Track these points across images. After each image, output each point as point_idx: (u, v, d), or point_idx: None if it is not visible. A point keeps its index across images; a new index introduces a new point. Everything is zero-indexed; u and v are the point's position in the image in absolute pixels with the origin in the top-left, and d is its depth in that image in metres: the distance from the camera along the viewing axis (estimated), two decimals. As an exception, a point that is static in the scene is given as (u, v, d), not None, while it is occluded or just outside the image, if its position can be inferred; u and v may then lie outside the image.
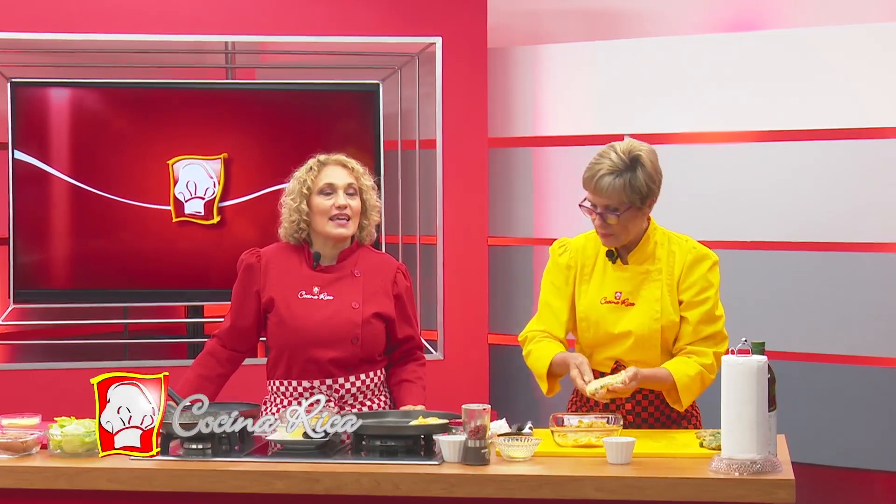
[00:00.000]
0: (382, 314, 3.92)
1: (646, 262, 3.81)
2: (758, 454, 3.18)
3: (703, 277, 3.79)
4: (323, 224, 3.89)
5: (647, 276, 3.80)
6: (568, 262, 3.90)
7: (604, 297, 3.81)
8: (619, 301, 3.80)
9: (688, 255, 3.81)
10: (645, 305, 3.78)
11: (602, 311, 3.81)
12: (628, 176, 3.71)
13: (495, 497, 3.22)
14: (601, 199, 3.73)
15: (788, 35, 5.40)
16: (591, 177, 3.74)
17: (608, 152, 3.75)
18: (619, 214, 3.73)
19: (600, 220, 3.75)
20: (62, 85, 5.62)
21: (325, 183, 3.91)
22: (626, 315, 3.78)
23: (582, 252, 3.90)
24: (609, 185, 3.71)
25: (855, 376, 5.25)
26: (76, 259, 5.62)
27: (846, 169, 5.25)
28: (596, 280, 3.84)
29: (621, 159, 3.72)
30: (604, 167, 3.72)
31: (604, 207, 3.74)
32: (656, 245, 3.82)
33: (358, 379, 3.90)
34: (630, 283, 3.80)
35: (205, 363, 4.00)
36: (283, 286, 3.91)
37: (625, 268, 3.82)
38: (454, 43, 5.68)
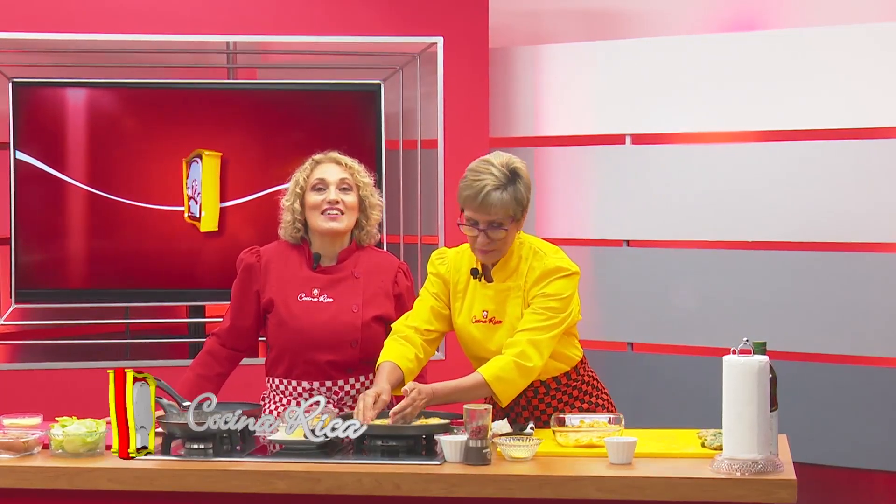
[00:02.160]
0: (382, 316, 3.91)
1: (509, 278, 3.72)
2: (759, 454, 3.18)
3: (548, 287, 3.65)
4: (315, 219, 3.87)
5: (510, 293, 3.71)
6: (445, 275, 3.81)
7: (474, 315, 3.75)
8: (487, 320, 3.73)
9: (537, 271, 3.68)
10: (510, 324, 3.70)
11: (473, 330, 3.75)
12: (512, 189, 3.62)
13: (496, 497, 3.22)
14: (486, 215, 3.61)
15: (788, 35, 5.41)
16: (476, 194, 3.60)
17: (487, 167, 3.63)
18: (505, 229, 3.64)
19: (484, 237, 3.63)
20: (63, 85, 5.62)
21: (316, 178, 3.90)
22: (496, 334, 3.71)
23: (456, 268, 3.80)
24: (498, 199, 3.59)
25: (855, 376, 5.26)
26: (77, 259, 5.62)
27: (846, 169, 5.26)
28: (468, 298, 3.77)
29: (503, 173, 3.62)
30: (488, 182, 3.60)
31: (487, 224, 3.62)
32: (520, 260, 3.72)
33: (357, 381, 3.89)
34: (494, 301, 3.72)
35: (204, 363, 3.99)
36: (283, 287, 3.90)
37: (489, 286, 3.74)
38: (455, 43, 5.69)
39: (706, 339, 5.48)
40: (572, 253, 5.77)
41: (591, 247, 5.78)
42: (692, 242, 5.60)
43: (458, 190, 3.67)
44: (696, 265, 5.55)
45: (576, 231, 5.83)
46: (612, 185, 5.72)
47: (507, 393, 3.63)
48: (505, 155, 3.70)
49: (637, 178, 5.65)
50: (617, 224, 5.72)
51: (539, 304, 3.67)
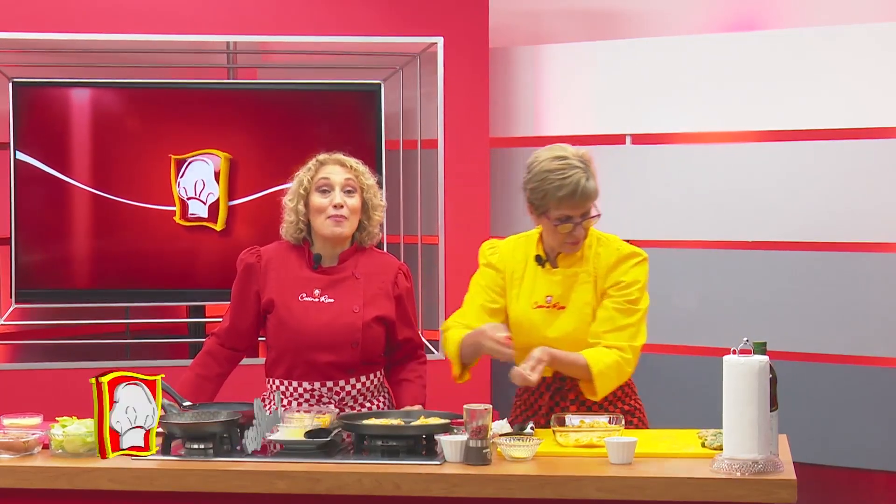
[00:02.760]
0: (383, 317, 3.91)
1: (575, 264, 3.77)
2: (759, 454, 3.18)
3: (626, 274, 3.74)
4: (320, 223, 3.86)
5: (577, 279, 3.77)
6: (497, 265, 3.86)
7: (535, 301, 3.79)
8: (551, 305, 3.77)
9: (611, 257, 3.77)
10: (576, 309, 3.75)
11: (534, 316, 3.78)
12: (591, 175, 3.70)
13: (497, 497, 3.22)
14: (582, 207, 3.69)
15: (788, 35, 5.41)
16: (573, 191, 3.66)
17: (568, 162, 3.68)
18: (593, 216, 3.72)
19: (581, 228, 3.71)
20: (63, 85, 5.63)
21: (321, 180, 3.88)
22: (558, 319, 3.76)
23: (511, 256, 3.85)
24: (592, 189, 3.68)
25: (855, 376, 5.26)
26: (78, 259, 5.63)
27: (846, 169, 5.26)
28: (527, 284, 3.81)
29: (582, 162, 3.69)
30: (578, 176, 3.66)
31: (581, 215, 3.70)
32: (585, 247, 3.78)
33: (358, 381, 3.89)
34: (560, 286, 3.77)
35: (203, 363, 3.99)
36: (284, 288, 3.89)
37: (554, 271, 3.78)
38: (455, 43, 5.69)
39: (706, 339, 5.48)
40: (572, 253, 5.83)
41: (591, 247, 5.78)
42: (692, 242, 5.60)
43: (542, 193, 3.69)
44: (696, 265, 5.55)
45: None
46: (612, 185, 5.70)
47: (602, 390, 3.69)
48: (561, 147, 3.76)
49: (637, 178, 5.65)
50: (616, 224, 5.70)
51: (621, 296, 3.73)
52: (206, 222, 5.63)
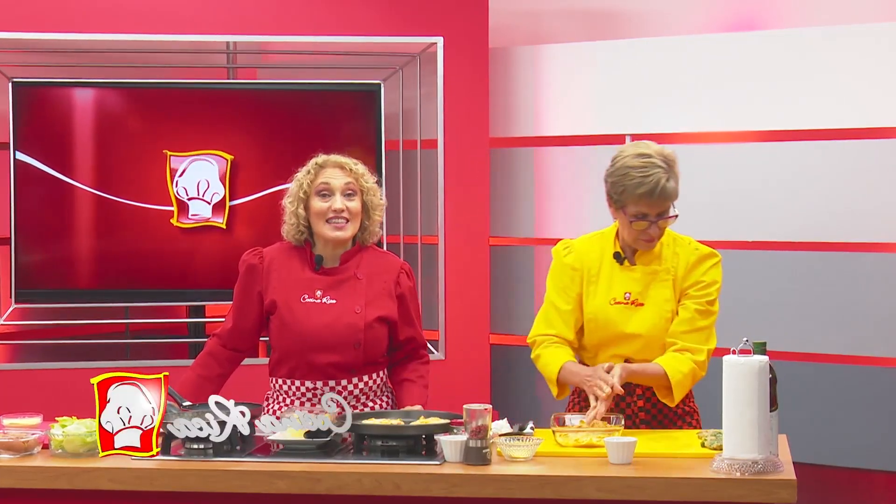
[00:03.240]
0: (385, 317, 3.91)
1: (653, 262, 3.82)
2: (759, 454, 3.18)
3: (706, 274, 3.81)
4: (321, 227, 3.86)
5: (656, 277, 3.81)
6: (573, 264, 3.89)
7: (613, 297, 3.82)
8: (629, 301, 3.81)
9: (691, 256, 3.82)
10: (655, 306, 3.79)
11: (611, 311, 3.81)
12: (673, 175, 3.73)
13: (496, 497, 3.22)
14: (660, 207, 3.71)
15: (788, 35, 5.41)
16: (653, 189, 3.68)
17: (650, 160, 3.70)
18: (671, 215, 3.74)
19: (657, 227, 3.74)
20: (63, 85, 5.62)
21: (321, 184, 3.87)
22: (636, 315, 3.80)
23: (587, 254, 3.89)
24: (672, 189, 3.70)
25: (855, 376, 5.25)
26: (77, 259, 5.62)
27: (846, 169, 5.26)
28: (604, 281, 3.84)
29: (664, 162, 3.71)
30: (659, 175, 3.68)
31: (658, 215, 3.73)
32: (662, 246, 3.82)
33: (360, 381, 3.89)
34: (639, 283, 3.81)
35: (205, 363, 3.99)
36: (286, 289, 3.89)
37: (633, 268, 3.83)
38: (455, 43, 5.69)
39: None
40: (572, 253, 5.82)
41: (591, 247, 5.78)
42: (692, 242, 5.60)
43: (621, 189, 3.72)
44: (696, 265, 5.54)
45: (575, 231, 5.77)
46: (612, 185, 5.71)
47: (679, 397, 3.75)
48: (645, 144, 3.77)
49: (637, 178, 5.64)
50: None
51: (701, 297, 3.78)
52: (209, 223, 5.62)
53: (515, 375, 5.90)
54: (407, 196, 5.79)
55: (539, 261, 5.88)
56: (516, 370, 5.91)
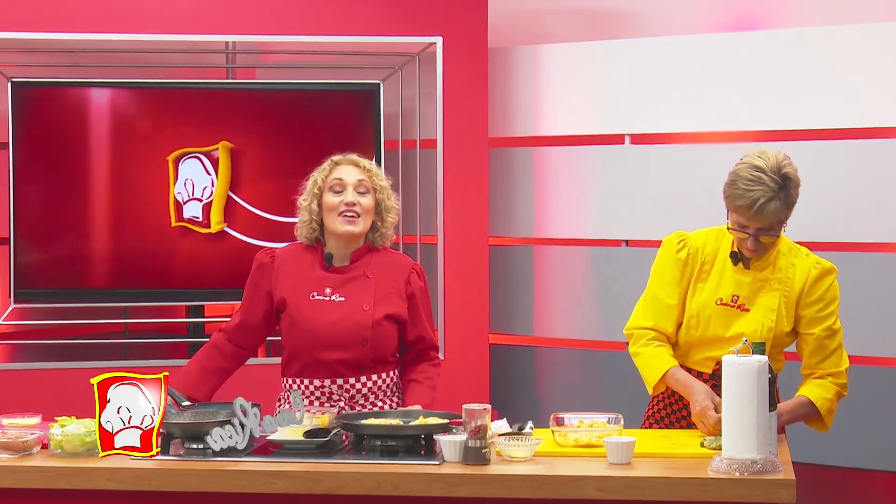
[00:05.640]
0: (394, 316, 3.92)
1: (766, 269, 3.76)
2: (758, 454, 3.18)
3: (829, 292, 3.76)
4: (332, 221, 3.89)
5: (766, 284, 3.75)
6: (686, 259, 3.83)
7: (720, 297, 3.77)
8: (735, 305, 3.76)
9: (812, 270, 3.76)
10: (760, 313, 3.74)
11: (716, 311, 3.76)
12: (784, 195, 3.63)
13: (496, 497, 3.22)
14: (759, 223, 3.64)
15: (788, 35, 5.41)
16: (750, 205, 3.60)
17: (760, 176, 3.61)
18: (776, 234, 3.68)
19: (754, 241, 3.67)
20: (63, 85, 5.62)
21: (335, 179, 3.91)
22: (740, 320, 3.74)
23: (701, 249, 3.82)
24: (773, 210, 3.61)
25: (855, 376, 5.23)
26: (77, 259, 5.62)
27: (846, 169, 5.25)
28: (713, 280, 3.79)
29: (775, 181, 3.61)
30: (761, 194, 3.60)
31: (758, 230, 3.66)
32: (779, 254, 3.77)
33: (369, 379, 3.90)
34: (749, 288, 3.75)
35: (208, 355, 4.00)
36: (296, 286, 3.91)
37: (746, 272, 3.76)
38: (455, 43, 5.68)
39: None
40: (571, 253, 5.83)
41: (591, 247, 5.78)
42: (692, 242, 5.60)
43: (727, 194, 3.67)
44: (696, 265, 5.54)
45: (575, 231, 5.83)
46: (612, 185, 5.72)
47: (830, 422, 3.77)
48: (773, 155, 3.67)
49: (636, 178, 5.65)
50: (616, 224, 5.71)
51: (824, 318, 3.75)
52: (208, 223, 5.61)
53: (515, 375, 5.90)
54: (406, 196, 5.78)
55: (538, 261, 5.88)
56: (515, 370, 5.91)
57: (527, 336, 5.93)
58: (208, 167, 5.63)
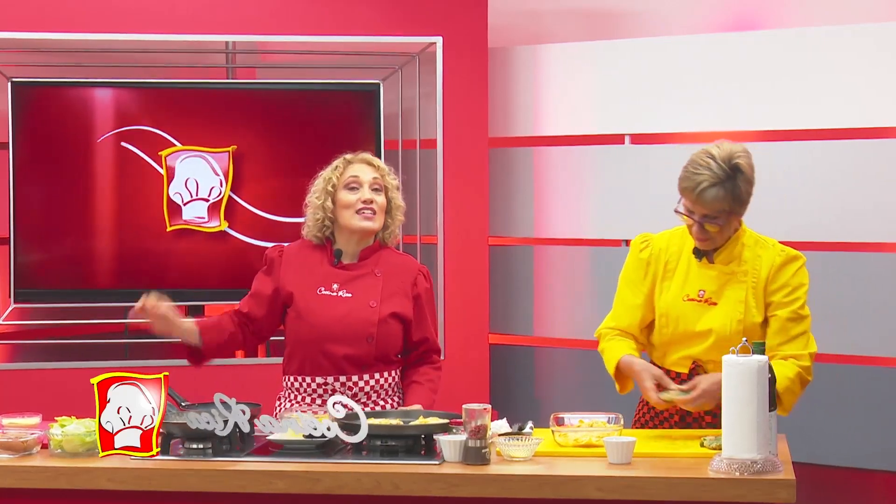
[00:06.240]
0: (400, 314, 3.93)
1: (732, 262, 3.77)
2: (758, 454, 3.18)
3: (794, 278, 3.75)
4: (348, 218, 3.90)
5: (733, 277, 3.76)
6: (648, 259, 3.86)
7: (686, 294, 3.78)
8: (702, 300, 3.76)
9: (776, 258, 3.75)
10: (728, 306, 3.74)
11: (683, 308, 3.77)
12: (730, 185, 3.64)
13: (496, 497, 3.22)
14: (702, 208, 3.67)
15: (788, 35, 5.41)
16: (693, 187, 3.64)
17: (707, 161, 3.64)
18: (719, 223, 3.69)
19: (699, 227, 3.69)
20: (62, 85, 5.62)
21: (350, 178, 3.93)
22: (708, 314, 3.75)
23: (665, 249, 3.85)
24: (713, 196, 3.63)
25: (855, 376, 5.25)
26: (76, 259, 5.62)
27: (846, 169, 5.25)
28: (679, 277, 3.80)
29: (722, 169, 3.63)
30: (705, 178, 3.63)
31: (702, 216, 3.68)
32: (743, 247, 3.77)
33: (372, 378, 3.90)
34: (715, 282, 3.76)
35: (220, 318, 3.99)
36: (303, 281, 3.92)
37: (710, 266, 3.77)
38: (455, 43, 5.68)
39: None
40: (571, 253, 5.83)
41: (591, 247, 5.78)
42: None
43: (679, 177, 3.70)
44: (696, 265, 5.54)
45: (575, 231, 5.83)
46: (612, 184, 5.72)
47: (790, 405, 3.68)
48: (728, 147, 3.70)
49: (636, 178, 5.65)
50: (616, 224, 5.71)
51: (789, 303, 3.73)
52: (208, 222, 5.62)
53: (515, 375, 5.90)
54: (406, 196, 5.75)
55: (538, 261, 5.88)
56: (515, 370, 5.91)
57: (527, 336, 5.93)
58: (216, 167, 5.63)
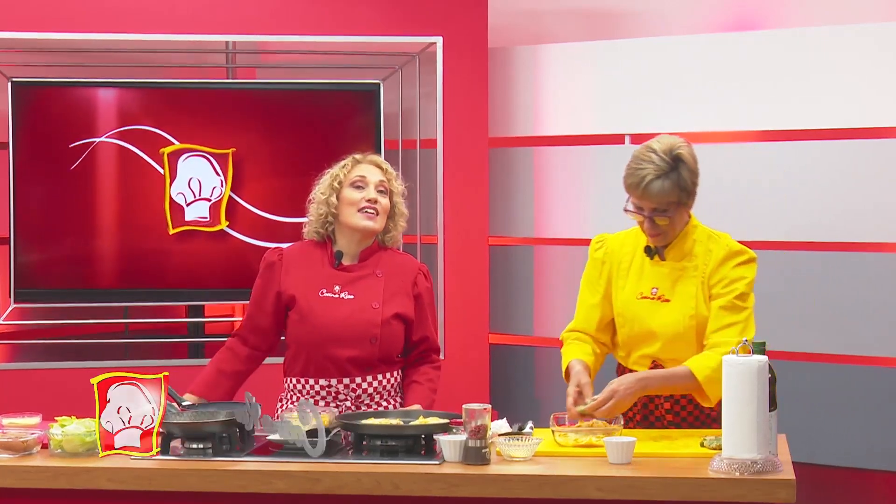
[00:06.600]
0: (402, 315, 3.93)
1: (683, 258, 3.78)
2: (758, 454, 3.18)
3: (733, 271, 3.74)
4: (351, 216, 3.89)
5: (684, 273, 3.77)
6: (603, 258, 3.87)
7: (640, 292, 3.79)
8: (655, 297, 3.77)
9: (720, 252, 3.76)
10: (680, 301, 3.75)
11: (638, 307, 3.78)
12: (674, 176, 3.67)
13: (496, 497, 3.22)
14: (649, 202, 3.68)
15: (788, 35, 5.41)
16: (638, 182, 3.66)
17: (649, 155, 3.67)
18: (669, 215, 3.70)
19: (650, 222, 3.71)
20: (63, 85, 5.62)
21: (357, 176, 3.93)
22: (662, 311, 3.76)
23: (619, 248, 3.86)
24: (659, 188, 3.65)
25: (855, 376, 5.25)
26: (77, 259, 5.62)
27: (846, 169, 5.26)
28: (633, 276, 3.81)
29: (664, 160, 3.66)
30: (649, 171, 3.65)
31: (651, 210, 3.69)
32: (695, 242, 3.78)
33: (375, 379, 3.90)
34: (667, 279, 3.77)
35: (224, 358, 3.99)
36: (305, 284, 3.91)
37: (662, 264, 3.79)
38: (455, 43, 5.69)
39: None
40: (572, 253, 5.83)
41: (591, 247, 5.78)
42: (692, 242, 5.60)
43: (623, 177, 3.71)
44: (696, 265, 5.54)
45: (575, 231, 5.83)
46: (612, 184, 5.68)
47: (715, 395, 3.63)
48: (668, 139, 3.72)
49: (637, 178, 5.64)
50: (616, 224, 5.68)
51: (726, 293, 3.71)
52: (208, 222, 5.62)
53: (515, 375, 5.90)
54: (406, 196, 5.77)
55: (538, 261, 5.88)
56: (515, 370, 5.91)
57: (527, 336, 5.93)
58: (217, 167, 5.63)
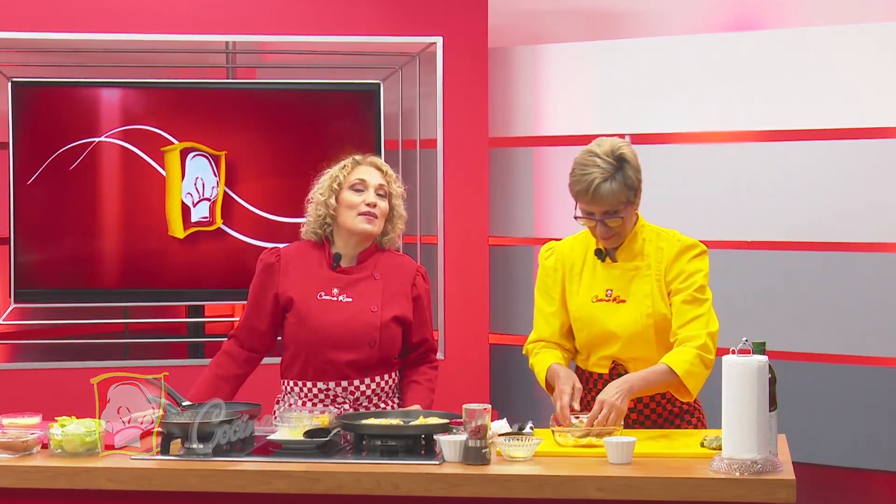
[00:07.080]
0: (401, 318, 3.92)
1: (635, 258, 3.79)
2: (758, 454, 3.18)
3: (689, 264, 3.75)
4: (350, 219, 3.88)
5: (637, 273, 3.78)
6: (554, 265, 3.89)
7: (595, 295, 3.80)
8: (611, 299, 3.78)
9: (673, 248, 3.77)
10: (636, 301, 3.76)
11: (594, 309, 3.79)
12: (620, 176, 3.68)
13: (496, 497, 3.22)
14: (600, 206, 3.69)
15: (788, 35, 5.41)
16: (587, 188, 3.67)
17: (593, 159, 3.69)
18: (620, 216, 3.71)
19: (602, 226, 3.72)
20: (63, 85, 5.62)
21: (357, 179, 3.91)
22: (618, 312, 3.77)
23: (570, 253, 3.88)
24: (608, 191, 3.66)
25: (855, 376, 5.25)
26: (77, 259, 5.63)
27: (846, 169, 5.26)
28: (586, 279, 3.83)
29: (608, 162, 3.68)
30: (595, 175, 3.66)
31: (603, 213, 3.71)
32: (644, 241, 3.79)
33: (373, 381, 3.89)
34: (620, 280, 3.79)
35: (221, 363, 3.97)
36: (303, 286, 3.90)
37: (614, 265, 3.80)
38: (455, 43, 5.69)
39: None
40: (572, 253, 5.82)
41: (591, 247, 5.78)
42: (691, 242, 5.60)
43: (569, 183, 3.72)
44: (696, 265, 5.54)
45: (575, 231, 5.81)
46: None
47: (695, 388, 3.66)
48: (608, 141, 3.74)
49: (636, 178, 5.65)
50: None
51: (686, 288, 3.72)
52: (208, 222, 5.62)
53: (515, 375, 5.90)
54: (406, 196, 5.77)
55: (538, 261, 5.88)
56: (515, 370, 5.91)
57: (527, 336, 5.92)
58: (209, 167, 5.63)
